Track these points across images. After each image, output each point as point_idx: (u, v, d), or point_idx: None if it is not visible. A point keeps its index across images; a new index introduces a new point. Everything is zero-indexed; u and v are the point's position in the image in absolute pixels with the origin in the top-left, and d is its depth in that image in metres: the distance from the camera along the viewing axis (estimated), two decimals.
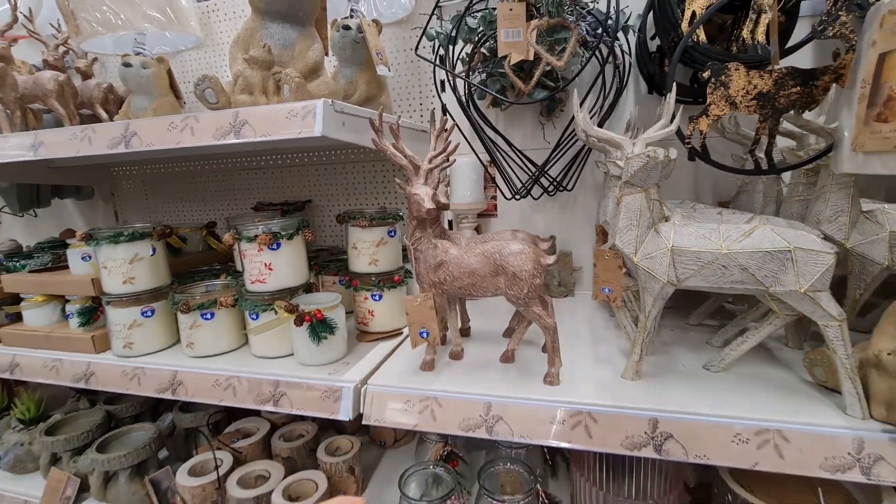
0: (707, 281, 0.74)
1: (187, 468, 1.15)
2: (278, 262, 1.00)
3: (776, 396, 0.76)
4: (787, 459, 0.67)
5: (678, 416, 0.72)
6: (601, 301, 0.88)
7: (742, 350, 0.82)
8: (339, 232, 1.66)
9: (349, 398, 0.87)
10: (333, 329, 0.94)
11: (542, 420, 0.78)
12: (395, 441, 1.41)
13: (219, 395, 0.97)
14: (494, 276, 0.83)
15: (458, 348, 0.97)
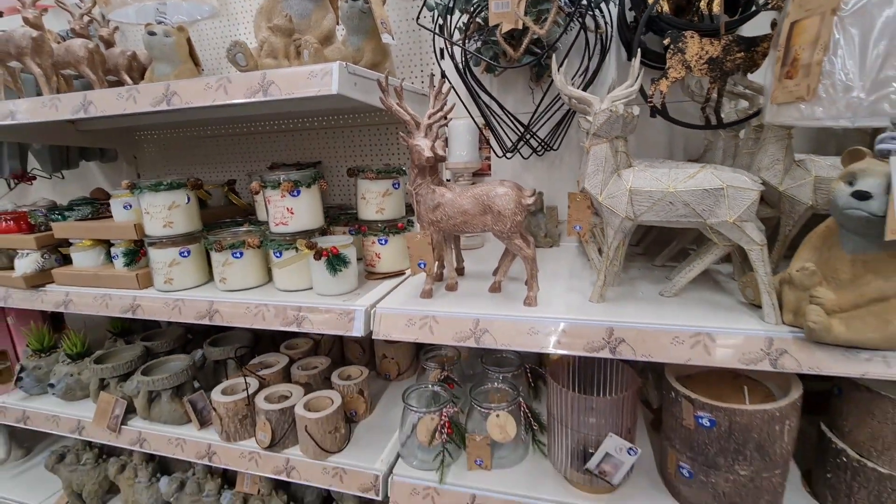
0: (658, 216, 0.90)
1: (220, 389, 1.34)
2: (298, 207, 1.16)
3: (712, 312, 0.92)
4: (713, 355, 0.84)
5: (629, 325, 0.89)
6: (576, 237, 1.04)
7: (690, 276, 0.99)
8: (347, 191, 1.81)
9: (361, 319, 1.04)
10: (347, 263, 1.10)
11: (520, 331, 0.95)
12: (399, 374, 1.60)
13: (250, 320, 1.14)
14: (483, 214, 0.99)
15: (453, 281, 1.13)
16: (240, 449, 1.30)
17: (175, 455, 1.37)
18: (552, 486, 1.09)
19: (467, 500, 1.10)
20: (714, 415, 0.88)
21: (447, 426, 1.14)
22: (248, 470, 1.29)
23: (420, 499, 1.13)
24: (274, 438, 1.25)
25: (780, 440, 0.87)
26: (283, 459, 1.25)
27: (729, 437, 0.88)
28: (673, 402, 0.96)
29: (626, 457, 0.97)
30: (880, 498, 0.87)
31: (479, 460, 1.15)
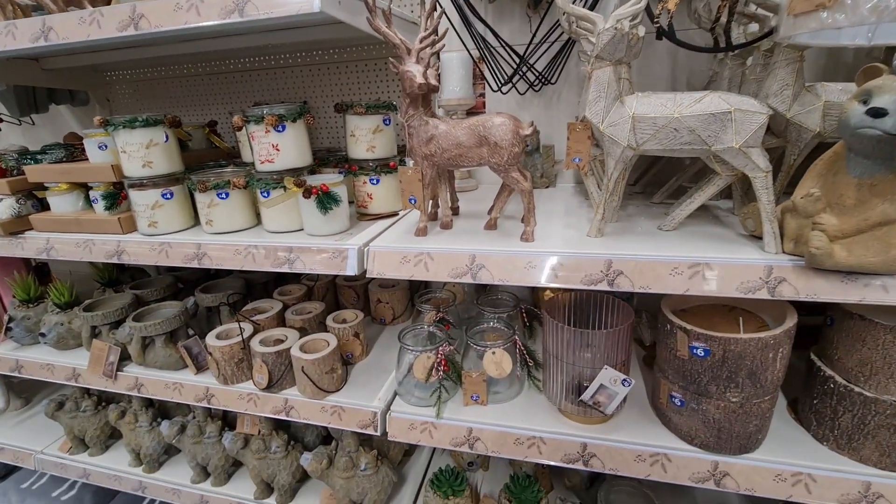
0: (661, 143, 0.86)
1: (215, 334, 1.33)
2: (284, 143, 1.10)
3: (711, 243, 0.91)
4: (711, 285, 0.84)
5: (627, 257, 0.87)
6: (573, 175, 1.00)
7: (690, 209, 0.97)
8: (336, 133, 1.73)
9: (354, 257, 1.02)
10: (338, 201, 1.06)
11: (517, 266, 0.93)
12: (394, 318, 1.60)
13: (240, 262, 1.11)
14: (479, 146, 0.94)
15: (448, 220, 1.10)
16: (238, 391, 1.31)
17: (173, 398, 1.38)
18: (547, 417, 1.12)
19: (464, 433, 1.13)
20: (709, 344, 0.89)
21: (443, 364, 1.15)
22: (247, 411, 1.31)
23: (418, 433, 1.16)
24: (271, 380, 1.26)
25: (772, 367, 0.88)
26: (281, 400, 1.27)
27: (722, 366, 0.89)
28: (668, 334, 0.96)
29: (621, 388, 0.99)
30: (864, 420, 0.90)
31: (475, 396, 1.17)
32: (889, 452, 0.89)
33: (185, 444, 1.55)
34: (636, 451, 1.02)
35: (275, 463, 1.46)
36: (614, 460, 1.04)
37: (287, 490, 1.47)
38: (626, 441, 1.03)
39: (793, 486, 0.94)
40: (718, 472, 0.98)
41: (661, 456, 1.01)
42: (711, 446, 0.97)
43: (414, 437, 1.17)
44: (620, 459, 1.03)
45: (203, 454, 1.54)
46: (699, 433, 0.97)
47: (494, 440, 1.11)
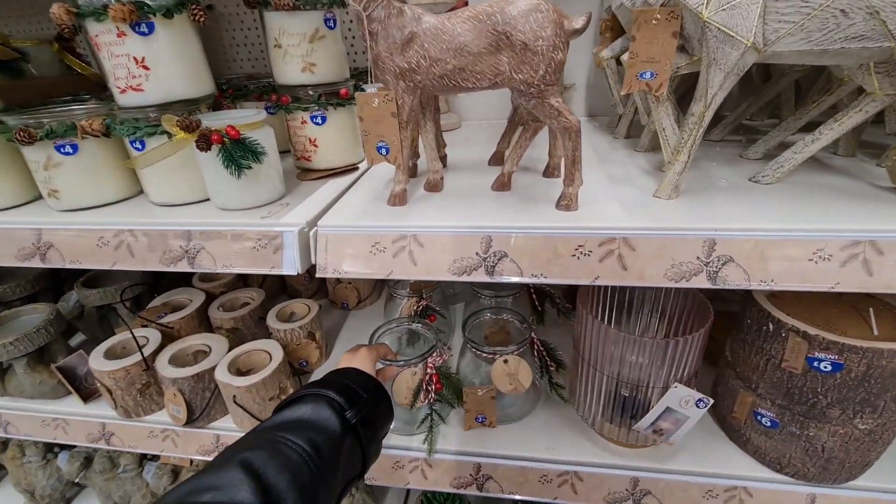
0: (809, 40, 0.51)
1: (102, 351, 0.92)
2: (155, 58, 0.65)
3: (852, 205, 0.60)
4: (876, 277, 0.53)
5: (740, 234, 0.54)
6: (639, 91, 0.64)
7: (810, 151, 0.64)
8: (257, 48, 1.24)
9: (294, 246, 0.63)
10: (258, 154, 0.65)
11: (559, 253, 0.58)
12: (360, 301, 1.24)
13: (108, 258, 0.70)
14: (494, 52, 0.55)
15: (437, 176, 0.72)
16: (147, 426, 0.93)
17: (57, 440, 0.99)
18: (579, 440, 0.84)
19: (470, 471, 0.83)
20: (844, 357, 0.60)
21: (435, 381, 0.82)
22: (163, 451, 0.94)
23: (406, 473, 0.85)
24: (192, 413, 0.89)
25: None
26: (210, 437, 0.91)
27: (859, 385, 0.61)
28: (768, 336, 0.67)
29: (694, 410, 0.70)
30: None
31: (480, 417, 0.86)
32: None
33: (93, 480, 1.19)
34: (706, 485, 0.76)
35: None
36: (675, 497, 0.77)
37: None
38: (689, 472, 0.77)
39: None
40: None
41: (738, 490, 0.75)
42: (810, 477, 0.72)
43: (401, 479, 0.85)
44: (684, 497, 0.77)
45: (120, 492, 1.19)
46: (795, 461, 0.72)
47: (512, 478, 0.82)
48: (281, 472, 0.43)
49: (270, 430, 0.50)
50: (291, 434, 0.49)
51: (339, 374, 0.63)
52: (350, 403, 0.56)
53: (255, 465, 0.43)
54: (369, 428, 0.57)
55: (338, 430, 0.52)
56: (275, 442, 0.47)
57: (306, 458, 0.47)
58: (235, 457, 0.44)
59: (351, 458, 0.54)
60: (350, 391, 0.58)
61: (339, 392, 0.56)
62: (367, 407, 0.58)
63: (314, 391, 0.56)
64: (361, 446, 0.56)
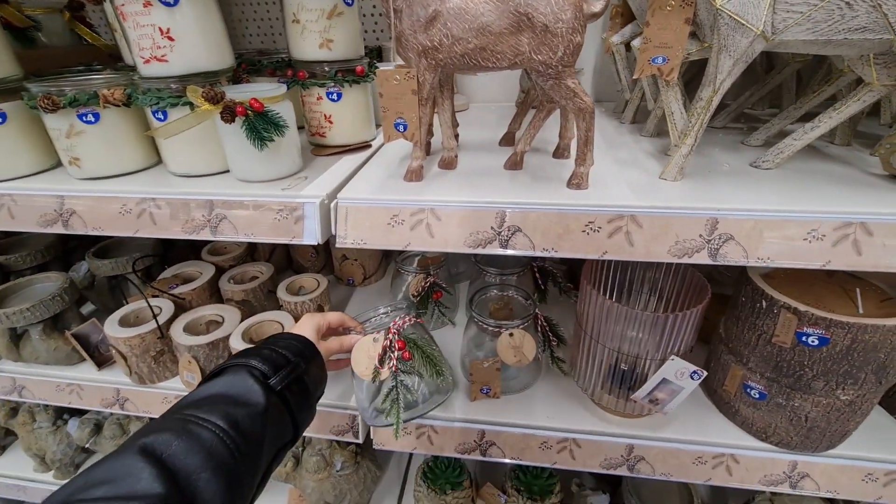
0: (815, 30, 0.53)
1: (116, 319, 0.95)
2: (180, 29, 0.66)
3: (845, 189, 0.63)
4: (865, 256, 0.56)
5: (741, 214, 0.58)
6: (635, 81, 0.66)
7: (808, 138, 0.67)
8: (268, 24, 1.24)
9: (315, 217, 0.66)
10: (281, 127, 0.67)
11: (570, 229, 0.61)
12: (365, 278, 1.27)
13: (131, 225, 0.72)
14: (515, 32, 0.57)
15: (452, 154, 0.75)
16: (161, 392, 0.97)
17: (72, 404, 1.02)
18: (578, 410, 0.88)
19: (474, 437, 0.87)
20: (830, 332, 0.64)
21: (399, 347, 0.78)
22: None
23: (413, 439, 0.89)
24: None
25: None
26: None
27: (844, 358, 0.65)
28: (761, 312, 0.71)
29: (688, 382, 0.75)
30: None
31: (485, 388, 0.90)
32: None
33: (104, 446, 1.22)
34: (696, 452, 0.81)
35: None
36: (668, 464, 0.82)
37: None
38: (681, 440, 0.82)
39: (885, 486, 0.77)
40: (796, 474, 0.79)
41: (726, 457, 0.80)
42: (794, 445, 0.77)
43: (408, 445, 0.90)
44: (675, 463, 0.82)
45: None
46: (780, 430, 0.77)
47: (514, 445, 0.86)
48: (190, 452, 0.41)
49: (180, 410, 0.47)
50: (203, 412, 0.46)
51: (267, 341, 0.61)
52: (275, 369, 0.54)
53: (158, 449, 0.40)
54: (299, 393, 0.55)
55: (261, 400, 0.50)
56: (184, 422, 0.44)
57: (221, 435, 0.44)
58: (136, 443, 0.41)
59: (279, 426, 0.52)
60: (274, 357, 0.56)
61: (262, 360, 0.55)
62: (296, 371, 0.56)
63: (234, 362, 0.55)
64: (290, 412, 0.54)
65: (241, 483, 0.44)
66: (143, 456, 0.39)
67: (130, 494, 0.35)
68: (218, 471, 0.41)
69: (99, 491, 0.36)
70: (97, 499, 0.35)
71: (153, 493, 0.36)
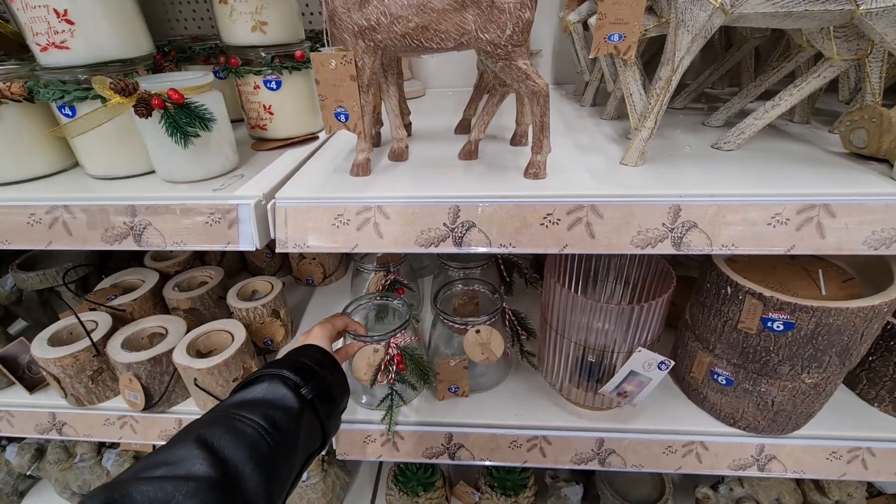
0: (774, 2, 0.50)
1: (45, 338, 0.86)
2: (80, 11, 0.58)
3: (807, 170, 0.61)
4: (828, 239, 0.55)
5: (704, 200, 0.55)
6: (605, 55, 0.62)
7: (769, 117, 0.65)
8: (202, 6, 1.14)
9: (250, 220, 0.59)
10: (206, 120, 0.60)
11: (528, 222, 0.57)
12: (325, 277, 1.21)
13: (42, 237, 0.64)
14: (459, 9, 0.52)
15: (401, 144, 0.69)
16: (103, 414, 0.89)
17: (2, 433, 0.93)
18: (547, 406, 0.86)
19: (441, 441, 0.84)
20: (795, 316, 0.62)
21: (397, 361, 0.81)
22: (122, 438, 0.90)
23: (378, 447, 0.85)
24: (151, 398, 0.85)
25: (869, 339, 0.65)
26: (172, 421, 0.88)
27: (808, 343, 0.64)
28: (726, 299, 0.69)
29: (656, 372, 0.73)
30: None
31: (453, 387, 0.86)
32: None
33: (48, 472, 1.13)
34: (666, 441, 0.80)
35: None
36: (638, 455, 0.81)
37: None
38: (651, 430, 0.80)
39: (848, 463, 0.78)
40: (764, 457, 0.78)
41: (696, 444, 0.79)
42: (761, 429, 0.77)
43: (372, 453, 0.85)
44: (646, 454, 0.81)
45: (79, 481, 1.14)
46: (747, 415, 0.76)
47: (483, 445, 0.83)
48: (237, 445, 0.44)
49: (225, 410, 0.51)
50: (247, 412, 0.50)
51: (294, 353, 0.63)
52: (305, 380, 0.57)
53: (210, 440, 0.44)
54: (327, 402, 0.58)
55: (295, 406, 0.53)
56: (230, 419, 0.48)
57: (262, 434, 0.48)
58: (190, 434, 0.45)
59: (311, 433, 0.55)
60: (305, 368, 0.58)
61: (293, 370, 0.57)
62: (324, 382, 0.59)
63: (268, 371, 0.57)
64: (320, 420, 0.57)
65: (279, 477, 0.48)
66: (198, 444, 0.43)
67: (189, 476, 0.39)
68: (260, 464, 0.45)
69: (159, 471, 0.40)
70: (158, 477, 0.39)
71: (208, 476, 0.40)
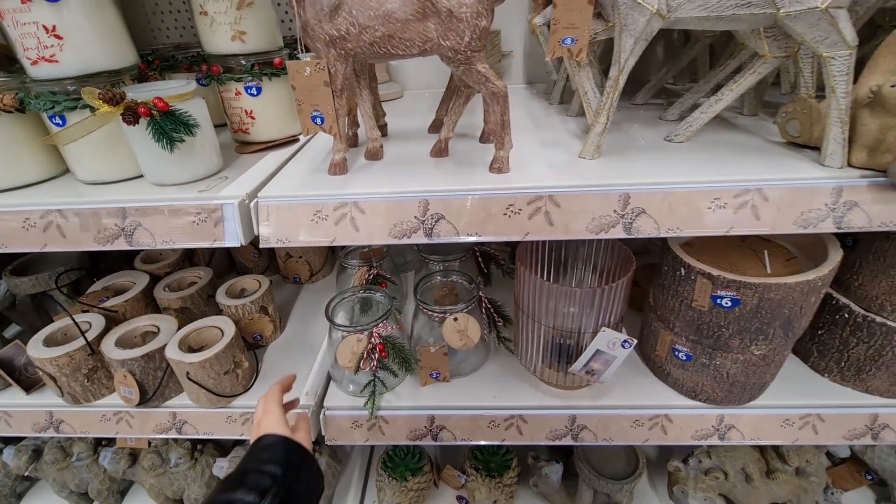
0: (706, 6, 0.56)
1: (40, 339, 0.89)
2: (68, 24, 0.62)
3: (747, 158, 0.67)
4: (763, 218, 0.60)
5: (651, 188, 0.60)
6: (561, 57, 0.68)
7: (714, 111, 0.70)
8: (183, 17, 1.18)
9: (235, 218, 0.64)
10: (190, 126, 0.64)
11: (491, 213, 0.62)
12: (312, 275, 1.25)
13: (38, 240, 0.67)
14: (421, 19, 0.57)
15: (376, 144, 0.74)
16: (100, 410, 0.92)
17: (0, 433, 0.96)
18: (524, 387, 0.91)
19: (424, 423, 0.89)
20: (740, 293, 0.68)
21: (380, 349, 0.86)
22: (118, 433, 0.94)
23: (364, 431, 0.89)
24: (145, 393, 0.89)
25: (809, 312, 0.71)
26: (166, 415, 0.91)
27: (754, 317, 0.70)
28: (681, 280, 0.75)
29: (620, 350, 0.78)
30: (881, 351, 0.79)
31: (434, 373, 0.91)
32: None
33: (46, 472, 1.16)
34: (633, 416, 0.85)
35: (179, 476, 1.14)
36: (608, 430, 0.87)
37: None
38: (620, 406, 0.86)
39: (800, 429, 0.84)
40: (723, 427, 0.84)
41: (661, 418, 0.85)
42: (719, 400, 0.82)
43: (360, 437, 0.90)
44: (616, 428, 0.86)
45: (77, 480, 1.17)
46: (706, 388, 0.82)
47: (463, 427, 0.88)
48: None
49: None
50: None
51: (249, 458, 0.60)
52: (262, 495, 0.53)
53: None
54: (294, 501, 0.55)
55: None
56: None
57: None
58: None
59: None
60: (260, 480, 0.55)
61: (247, 490, 0.54)
62: (284, 486, 0.55)
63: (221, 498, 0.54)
64: None
65: None
66: None
67: None
68: None
69: None
70: None
71: None
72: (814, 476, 0.99)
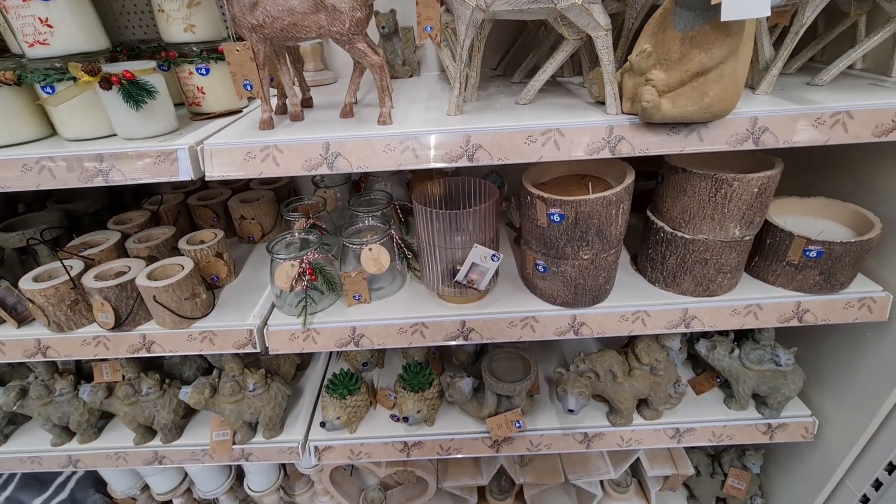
0: (510, 2, 0.82)
1: (30, 277, 1.09)
2: (57, 16, 0.84)
3: (561, 112, 0.93)
4: (562, 149, 0.87)
5: (485, 130, 0.86)
6: (430, 41, 0.93)
7: (543, 79, 0.97)
8: (147, 16, 1.40)
9: (186, 158, 0.87)
10: (152, 92, 0.87)
11: (375, 150, 0.87)
12: (263, 235, 1.47)
13: (34, 180, 0.89)
14: (315, 12, 0.81)
15: (297, 110, 0.98)
16: (80, 336, 1.13)
17: None
18: (428, 304, 1.15)
19: (348, 333, 1.12)
20: (563, 209, 0.95)
21: (310, 272, 1.09)
22: (97, 356, 1.14)
23: (300, 342, 1.12)
24: (119, 317, 1.10)
25: (615, 223, 0.98)
26: (137, 337, 1.12)
27: (575, 227, 0.96)
28: (529, 206, 1.01)
29: (491, 263, 1.04)
30: (684, 259, 1.06)
31: (357, 295, 1.15)
32: (701, 282, 1.07)
33: (31, 408, 1.34)
34: (508, 318, 1.11)
35: (150, 404, 1.34)
36: (490, 330, 1.12)
37: (171, 428, 1.38)
38: (499, 312, 1.11)
39: (633, 322, 1.11)
40: (576, 324, 1.11)
41: (529, 319, 1.11)
42: (570, 303, 1.09)
43: (297, 347, 1.13)
44: (496, 329, 1.12)
45: (59, 413, 1.35)
46: (559, 293, 1.08)
47: (379, 334, 1.12)
48: None
49: None
50: None
51: None
52: None
53: None
54: None
55: None
56: None
57: None
58: None
59: None
60: None
61: None
62: None
63: None
64: None
65: None
66: None
67: None
68: None
69: None
70: None
71: None
72: (662, 371, 1.26)
